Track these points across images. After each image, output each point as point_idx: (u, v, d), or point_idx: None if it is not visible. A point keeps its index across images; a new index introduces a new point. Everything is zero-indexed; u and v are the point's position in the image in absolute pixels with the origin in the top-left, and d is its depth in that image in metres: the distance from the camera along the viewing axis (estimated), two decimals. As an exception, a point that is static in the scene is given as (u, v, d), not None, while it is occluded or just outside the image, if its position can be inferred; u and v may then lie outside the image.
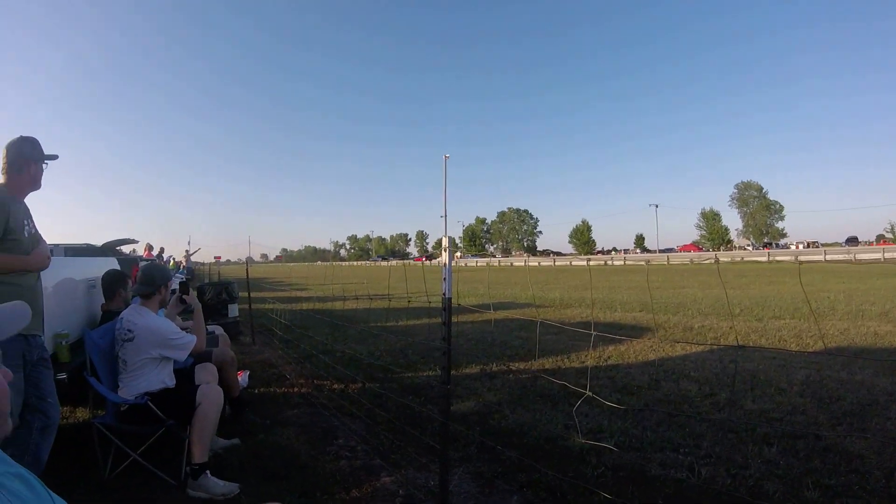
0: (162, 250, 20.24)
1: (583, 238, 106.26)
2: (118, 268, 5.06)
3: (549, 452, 3.78)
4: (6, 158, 3.00)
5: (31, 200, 3.17)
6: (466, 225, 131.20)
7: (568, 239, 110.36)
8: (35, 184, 3.13)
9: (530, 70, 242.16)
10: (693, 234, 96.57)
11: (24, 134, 3.12)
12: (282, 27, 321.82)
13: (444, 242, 2.85)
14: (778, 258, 49.39)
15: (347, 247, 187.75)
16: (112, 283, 4.57)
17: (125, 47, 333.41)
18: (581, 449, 3.78)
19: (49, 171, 3.21)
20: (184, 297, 4.22)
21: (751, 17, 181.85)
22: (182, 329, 3.94)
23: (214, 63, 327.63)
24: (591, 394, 2.81)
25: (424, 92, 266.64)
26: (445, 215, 64.57)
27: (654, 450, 3.78)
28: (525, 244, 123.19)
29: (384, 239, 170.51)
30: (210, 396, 3.49)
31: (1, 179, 3.00)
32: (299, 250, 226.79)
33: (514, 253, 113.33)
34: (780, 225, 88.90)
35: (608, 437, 3.95)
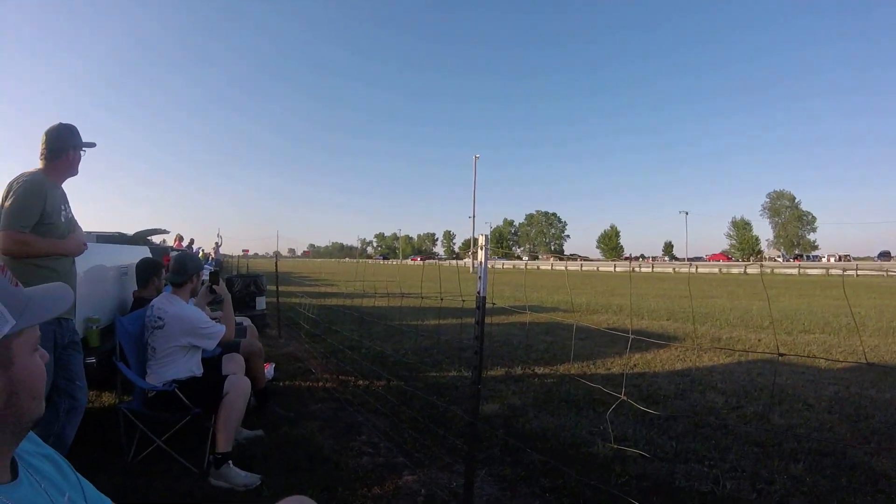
0: (192, 241, 20.53)
1: (611, 243, 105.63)
2: (150, 256, 5.11)
3: (573, 458, 3.72)
4: (45, 144, 3.05)
5: (66, 187, 3.22)
6: (494, 226, 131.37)
7: (595, 244, 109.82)
8: (72, 170, 3.19)
9: (563, 75, 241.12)
10: (723, 243, 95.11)
11: (64, 121, 3.18)
12: (318, 24, 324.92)
13: (481, 240, 2.82)
14: (808, 271, 48.28)
15: (375, 244, 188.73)
16: (147, 270, 4.63)
17: (163, 39, 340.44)
18: (605, 456, 3.71)
19: (86, 160, 3.26)
20: (213, 287, 4.25)
21: (784, 30, 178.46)
22: (211, 319, 3.97)
23: (251, 57, 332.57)
24: (625, 398, 2.76)
25: (457, 93, 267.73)
26: (474, 216, 63.90)
27: (679, 460, 3.70)
28: (552, 248, 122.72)
29: (411, 238, 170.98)
30: (238, 387, 3.50)
31: (39, 165, 3.05)
32: (326, 246, 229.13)
33: (540, 256, 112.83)
34: (811, 236, 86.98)
35: (633, 446, 3.88)
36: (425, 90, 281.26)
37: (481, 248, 2.81)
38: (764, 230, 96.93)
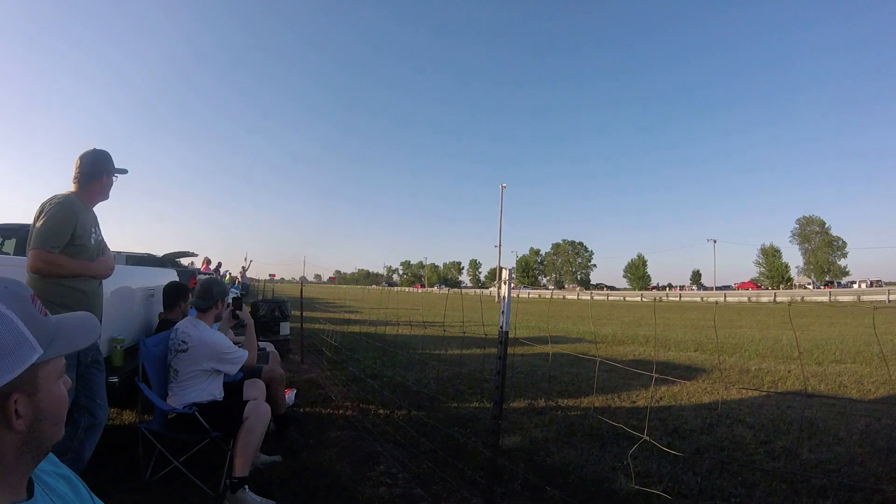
0: (220, 264, 20.82)
1: (638, 273, 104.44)
2: (177, 279, 5.19)
3: (594, 494, 3.63)
4: (79, 168, 3.14)
5: (100, 209, 3.31)
6: (520, 256, 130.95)
7: (623, 273, 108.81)
8: (104, 194, 3.28)
9: (590, 108, 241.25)
10: (751, 272, 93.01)
11: (98, 146, 3.28)
12: (349, 60, 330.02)
13: (504, 275, 2.80)
14: (840, 298, 46.80)
15: (400, 272, 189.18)
16: (174, 294, 4.70)
17: (196, 68, 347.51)
18: (627, 493, 3.62)
19: (120, 183, 3.36)
20: (236, 311, 4.29)
21: (815, 63, 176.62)
22: (234, 343, 4.00)
23: (283, 90, 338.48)
24: (648, 438, 2.69)
25: (486, 126, 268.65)
26: (500, 245, 63.72)
27: (704, 497, 3.58)
28: (578, 277, 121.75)
29: (437, 266, 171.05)
30: (258, 412, 3.50)
31: (72, 187, 3.14)
32: (352, 273, 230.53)
33: (567, 286, 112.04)
34: (842, 262, 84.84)
35: (657, 483, 3.77)
36: (454, 126, 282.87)
37: (504, 283, 2.79)
38: (794, 257, 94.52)
